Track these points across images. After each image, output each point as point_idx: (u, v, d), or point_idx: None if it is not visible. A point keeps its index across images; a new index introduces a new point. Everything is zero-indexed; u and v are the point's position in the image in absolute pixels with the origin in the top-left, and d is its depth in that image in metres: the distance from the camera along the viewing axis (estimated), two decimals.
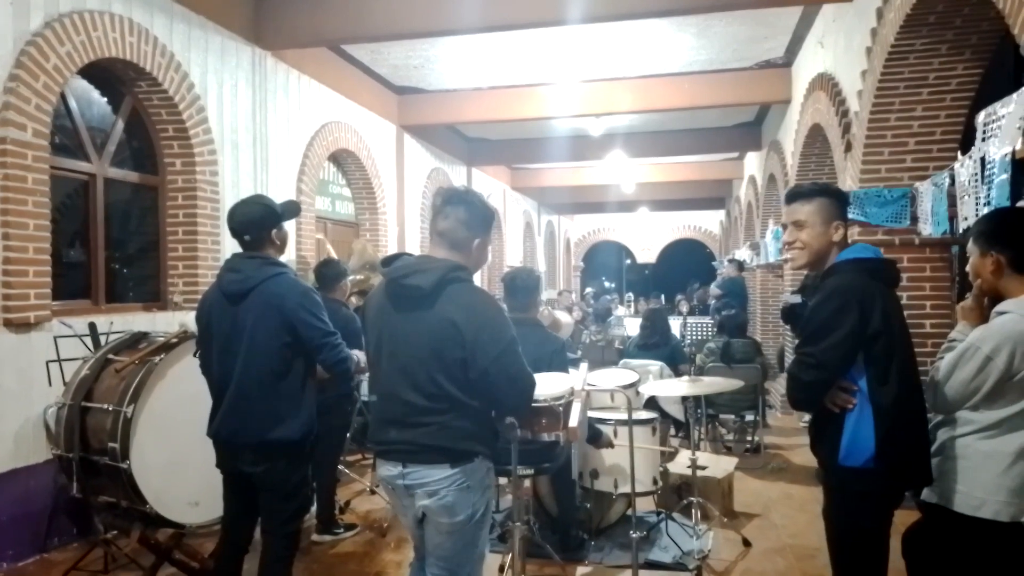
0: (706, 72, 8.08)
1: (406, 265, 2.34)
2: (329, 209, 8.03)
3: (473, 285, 2.37)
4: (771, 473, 5.83)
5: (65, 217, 4.71)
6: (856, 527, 2.38)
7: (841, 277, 2.36)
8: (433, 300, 2.24)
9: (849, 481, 2.35)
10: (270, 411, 2.80)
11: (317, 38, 6.42)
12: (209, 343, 2.94)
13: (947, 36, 4.38)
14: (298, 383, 2.86)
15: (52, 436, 3.86)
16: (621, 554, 3.99)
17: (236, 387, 2.81)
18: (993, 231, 2.37)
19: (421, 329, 2.25)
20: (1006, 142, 3.07)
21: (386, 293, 2.37)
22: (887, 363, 2.28)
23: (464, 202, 2.38)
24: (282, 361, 2.81)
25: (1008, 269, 2.30)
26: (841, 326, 2.27)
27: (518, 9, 5.82)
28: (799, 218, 2.47)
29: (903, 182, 4.85)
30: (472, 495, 2.30)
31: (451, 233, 2.35)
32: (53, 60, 4.19)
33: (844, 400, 2.32)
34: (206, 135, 5.54)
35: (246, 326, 2.80)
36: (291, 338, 2.81)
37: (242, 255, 2.97)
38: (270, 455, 2.81)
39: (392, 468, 2.33)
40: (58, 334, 4.00)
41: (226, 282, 2.88)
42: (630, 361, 5.89)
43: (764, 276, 10.01)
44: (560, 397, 2.88)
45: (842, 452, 2.32)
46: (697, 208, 20.40)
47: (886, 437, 2.26)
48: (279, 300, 2.80)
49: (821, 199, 2.45)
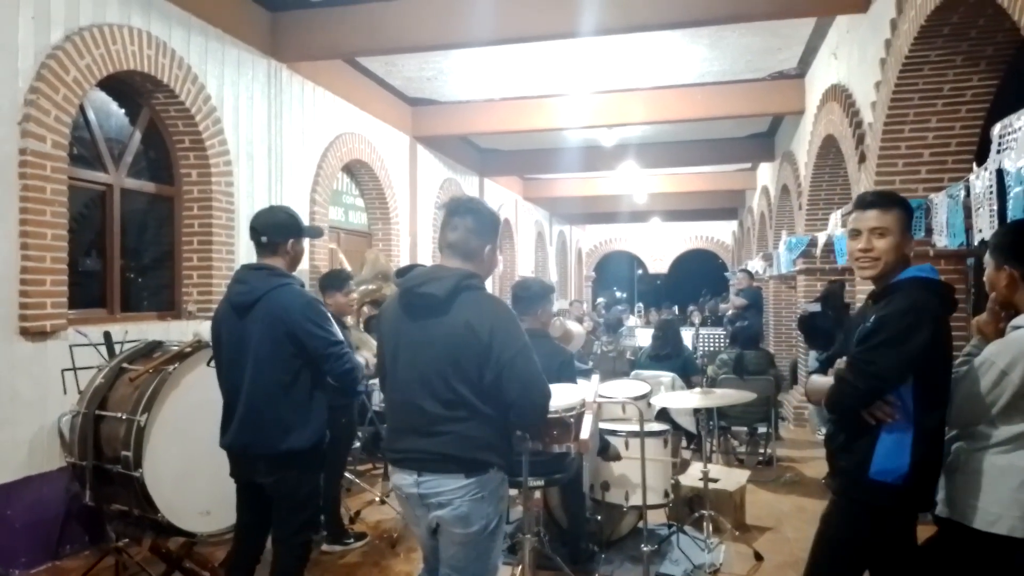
0: (719, 83, 8.08)
1: (420, 275, 2.36)
2: (342, 219, 8.08)
3: (487, 292, 2.39)
4: (783, 486, 5.77)
5: (82, 227, 4.77)
6: (861, 540, 2.37)
7: (916, 294, 2.29)
8: (448, 307, 2.26)
9: (876, 495, 2.31)
10: (279, 422, 2.81)
11: (332, 51, 6.49)
12: (220, 355, 2.97)
13: (962, 47, 4.36)
14: (306, 393, 2.86)
15: (66, 444, 3.89)
16: (632, 567, 3.96)
17: (245, 399, 2.83)
18: (1008, 245, 2.35)
19: (437, 336, 2.27)
20: (1022, 155, 3.05)
21: (401, 303, 2.39)
22: (937, 387, 2.28)
23: (471, 211, 2.40)
24: (288, 371, 2.82)
25: (1018, 283, 2.28)
26: (911, 341, 2.22)
27: (531, 22, 5.85)
28: (879, 225, 2.37)
29: (917, 193, 4.82)
30: (486, 506, 2.30)
31: (462, 243, 2.37)
32: (73, 73, 4.26)
33: (886, 414, 2.27)
34: (222, 146, 5.60)
35: (252, 337, 2.82)
36: (296, 348, 2.81)
37: (249, 266, 3.00)
38: (282, 465, 2.83)
39: (407, 476, 2.33)
40: (73, 343, 4.04)
41: (233, 294, 2.91)
42: (642, 372, 5.88)
43: (777, 287, 9.95)
44: (571, 408, 2.87)
45: (874, 466, 2.29)
46: (709, 219, 20.37)
47: (923, 459, 2.26)
48: (283, 311, 2.81)
49: (899, 209, 2.39)
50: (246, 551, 3.02)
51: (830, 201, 7.48)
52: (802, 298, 7.84)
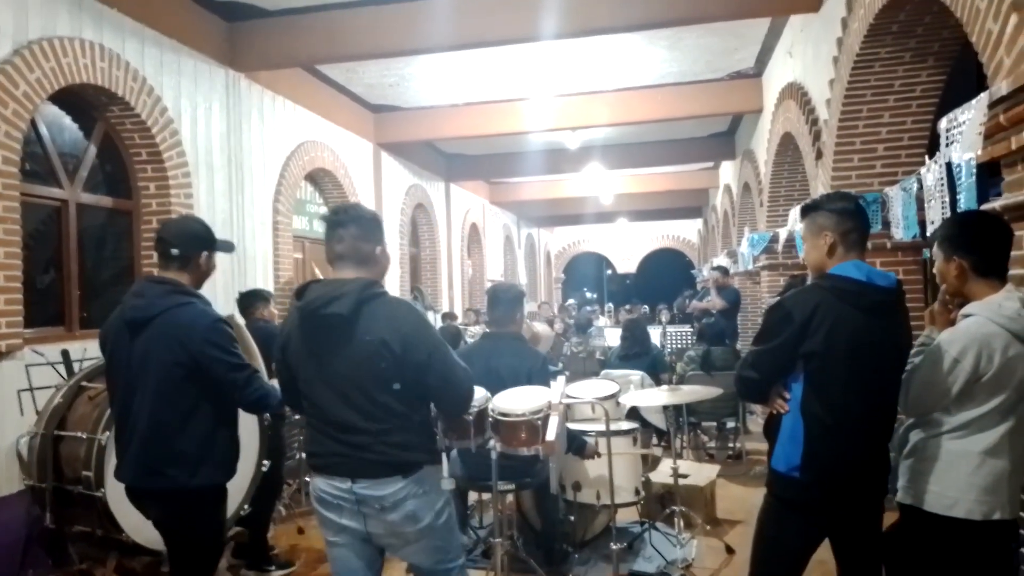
0: (679, 84, 8.19)
1: (321, 295, 2.26)
2: (307, 228, 8.01)
3: (390, 297, 2.36)
4: (753, 479, 5.85)
5: (38, 243, 4.66)
6: (766, 530, 2.48)
7: (803, 290, 2.42)
8: (355, 322, 2.23)
9: (775, 485, 2.44)
10: (174, 454, 2.51)
11: (290, 59, 6.43)
12: (111, 376, 2.68)
13: (910, 44, 4.48)
14: (208, 425, 2.56)
15: (25, 466, 3.79)
16: (605, 566, 3.98)
17: (136, 427, 2.54)
18: (955, 236, 2.40)
19: (351, 353, 2.24)
20: (968, 148, 3.14)
21: (305, 326, 2.32)
22: (824, 381, 2.31)
23: (353, 220, 2.37)
24: (185, 399, 2.53)
25: (972, 274, 2.33)
26: (777, 337, 2.35)
27: (490, 27, 5.87)
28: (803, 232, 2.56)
29: (873, 188, 4.93)
30: (432, 498, 2.33)
31: (353, 253, 2.34)
32: (23, 87, 4.17)
33: (778, 405, 2.40)
34: (180, 158, 5.51)
35: (145, 359, 2.52)
36: (196, 374, 2.52)
37: (151, 278, 2.73)
38: (174, 502, 2.56)
39: (339, 483, 2.27)
40: (30, 362, 3.94)
41: (128, 308, 2.61)
42: (611, 372, 5.91)
43: (742, 283, 10.09)
44: (538, 411, 2.89)
45: (775, 455, 2.42)
46: (675, 218, 20.61)
47: (816, 453, 2.31)
48: (182, 332, 2.51)
49: (804, 217, 2.53)
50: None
51: (790, 197, 7.61)
52: (766, 293, 7.96)
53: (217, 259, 2.84)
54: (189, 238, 2.69)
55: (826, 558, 2.54)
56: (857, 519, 2.42)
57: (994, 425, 2.26)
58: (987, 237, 2.36)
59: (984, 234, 2.38)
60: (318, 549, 4.53)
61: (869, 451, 2.36)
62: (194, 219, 2.99)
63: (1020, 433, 2.28)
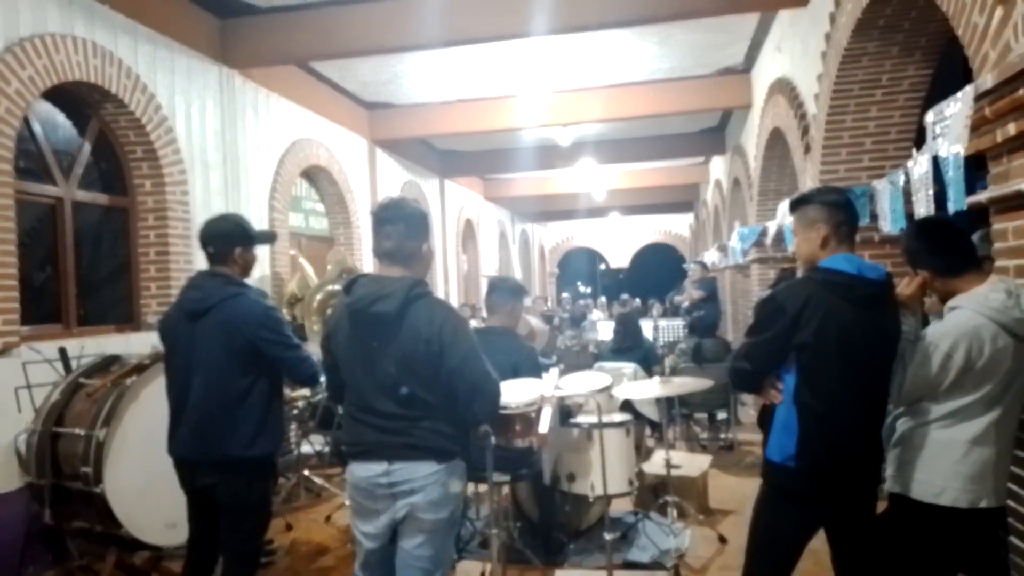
0: (670, 80, 8.24)
1: (368, 293, 2.36)
2: (303, 225, 8.03)
3: (435, 298, 2.45)
4: (745, 469, 5.92)
5: (34, 241, 4.67)
6: (762, 519, 2.53)
7: (795, 283, 2.47)
8: (400, 321, 2.32)
9: (770, 474, 2.49)
10: (233, 429, 2.79)
11: (284, 56, 6.45)
12: (171, 361, 2.95)
13: (897, 39, 4.52)
14: (263, 401, 2.85)
15: (24, 463, 3.82)
16: (600, 556, 4.02)
17: (196, 405, 2.81)
18: (910, 252, 2.51)
19: (394, 348, 2.33)
20: (954, 141, 3.19)
21: (353, 321, 2.40)
22: (816, 371, 2.34)
23: (401, 218, 2.42)
24: (243, 379, 2.81)
25: (939, 280, 2.43)
26: (769, 329, 2.39)
27: (483, 24, 5.90)
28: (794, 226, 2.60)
29: (861, 181, 4.98)
30: (455, 488, 2.40)
31: (399, 250, 2.40)
32: (15, 85, 4.17)
33: (771, 396, 2.43)
34: (175, 155, 5.53)
35: (205, 344, 2.80)
36: (252, 357, 2.81)
37: (204, 273, 2.99)
38: (233, 471, 2.81)
39: (375, 467, 2.35)
40: (27, 360, 3.96)
41: (186, 300, 2.90)
42: (604, 364, 5.96)
43: (733, 277, 10.16)
44: (532, 404, 2.93)
45: (769, 445, 2.46)
46: (667, 212, 20.68)
47: (806, 440, 2.35)
48: (239, 320, 2.80)
49: (793, 211, 2.57)
50: (199, 563, 2.97)
51: (779, 191, 7.66)
52: (756, 286, 8.02)
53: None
54: (220, 237, 2.94)
55: (818, 548, 2.59)
56: (851, 507, 2.46)
57: (980, 414, 2.31)
58: (936, 243, 2.45)
59: (933, 242, 2.46)
60: (317, 543, 4.60)
61: (862, 440, 2.40)
62: (226, 218, 3.16)
63: (1006, 422, 2.34)
